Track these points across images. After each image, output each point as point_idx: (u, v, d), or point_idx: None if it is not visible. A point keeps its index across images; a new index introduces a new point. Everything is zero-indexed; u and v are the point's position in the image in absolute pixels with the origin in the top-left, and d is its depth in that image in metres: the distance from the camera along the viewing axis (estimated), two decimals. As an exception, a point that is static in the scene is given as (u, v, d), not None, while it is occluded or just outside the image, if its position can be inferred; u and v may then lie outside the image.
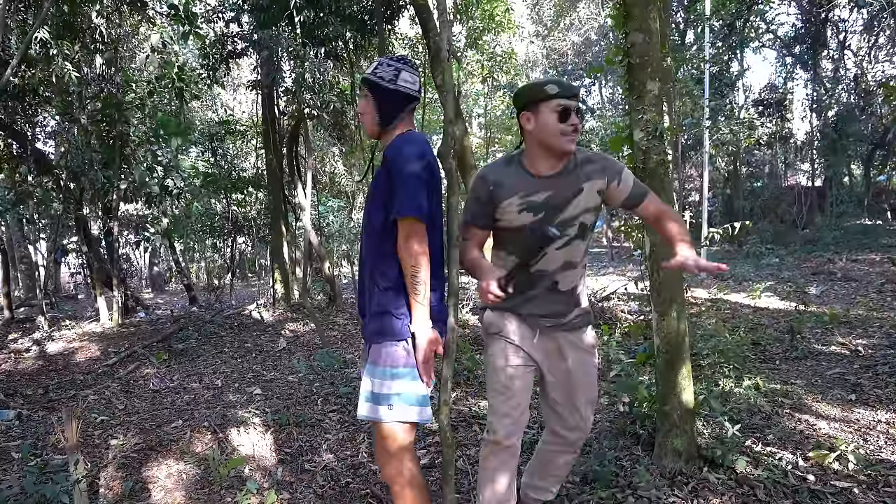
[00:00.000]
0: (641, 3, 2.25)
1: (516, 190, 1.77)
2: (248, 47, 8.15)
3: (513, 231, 1.81)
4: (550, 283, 1.82)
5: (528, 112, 1.74)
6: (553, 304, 1.84)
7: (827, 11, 14.36)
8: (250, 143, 12.66)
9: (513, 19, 13.29)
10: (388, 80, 1.80)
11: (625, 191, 1.79)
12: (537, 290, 1.83)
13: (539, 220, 1.76)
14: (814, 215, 15.19)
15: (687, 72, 11.80)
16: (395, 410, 1.72)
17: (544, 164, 1.76)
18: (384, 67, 1.81)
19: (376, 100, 1.81)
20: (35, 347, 6.33)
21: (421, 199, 1.68)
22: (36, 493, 2.44)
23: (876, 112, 15.79)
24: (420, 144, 1.76)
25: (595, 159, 1.79)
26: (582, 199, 1.76)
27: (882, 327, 4.97)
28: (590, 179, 1.76)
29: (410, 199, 1.66)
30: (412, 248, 1.68)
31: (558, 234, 1.65)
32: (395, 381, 1.73)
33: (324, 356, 4.95)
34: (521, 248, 1.78)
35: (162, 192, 8.04)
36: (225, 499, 2.59)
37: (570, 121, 1.68)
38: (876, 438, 2.75)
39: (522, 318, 1.86)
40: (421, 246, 1.69)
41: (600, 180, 1.76)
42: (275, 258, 9.02)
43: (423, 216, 1.68)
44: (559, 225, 1.74)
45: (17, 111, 7.96)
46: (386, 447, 1.77)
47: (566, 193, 1.75)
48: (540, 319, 1.85)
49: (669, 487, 2.27)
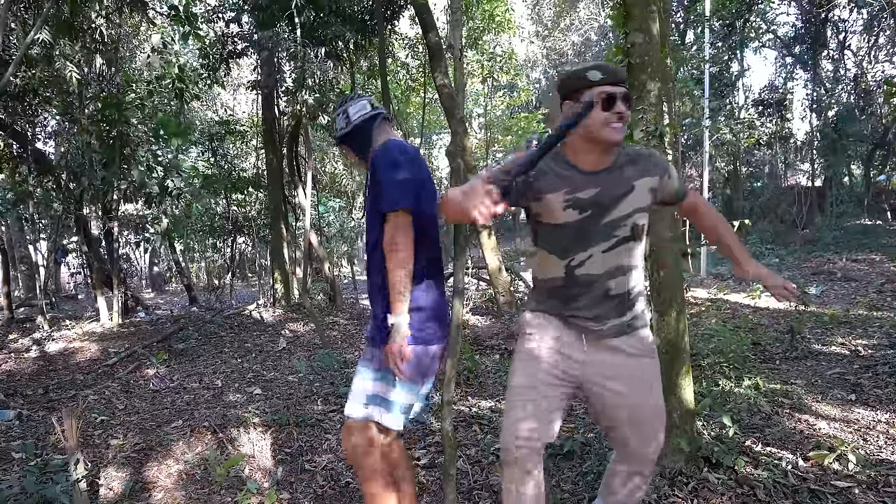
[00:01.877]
0: (641, 3, 2.25)
1: (563, 184, 1.59)
2: (248, 47, 8.16)
3: (556, 229, 1.63)
4: (602, 290, 1.63)
5: (570, 101, 1.58)
6: (602, 308, 1.64)
7: (827, 11, 14.36)
8: (250, 143, 12.66)
9: (513, 19, 13.30)
10: (344, 126, 1.94)
11: (672, 186, 1.66)
12: (584, 294, 1.64)
13: (585, 218, 1.59)
14: (814, 215, 15.18)
15: (687, 72, 11.80)
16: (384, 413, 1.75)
17: (590, 159, 1.59)
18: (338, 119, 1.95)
19: (349, 145, 1.97)
20: (35, 347, 6.32)
21: (406, 192, 1.71)
22: (36, 493, 2.44)
23: (876, 112, 15.78)
24: (398, 146, 1.81)
25: (644, 155, 1.64)
26: (633, 198, 1.59)
27: (882, 327, 4.97)
28: (641, 177, 1.60)
29: (394, 193, 1.70)
30: (394, 241, 1.69)
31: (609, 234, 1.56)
32: (390, 384, 1.75)
33: (324, 356, 4.96)
34: (562, 248, 1.63)
35: (162, 192, 8.04)
36: (225, 499, 2.59)
37: (616, 108, 1.51)
38: (876, 438, 2.75)
39: (566, 322, 1.68)
40: (404, 238, 1.68)
41: (652, 178, 1.62)
42: (275, 258, 9.02)
43: (410, 209, 1.70)
44: (607, 225, 1.59)
45: (18, 111, 7.96)
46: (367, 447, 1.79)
47: (616, 191, 1.59)
48: (588, 323, 1.65)
49: (669, 487, 2.27)
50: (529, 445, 1.60)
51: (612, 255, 1.61)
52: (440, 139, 21.27)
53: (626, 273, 1.63)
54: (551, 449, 2.72)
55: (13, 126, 7.95)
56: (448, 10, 4.95)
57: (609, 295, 1.63)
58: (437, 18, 9.62)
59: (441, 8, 12.05)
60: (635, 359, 1.66)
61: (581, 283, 1.63)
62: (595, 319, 1.63)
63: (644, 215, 1.62)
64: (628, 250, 1.62)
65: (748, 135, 14.86)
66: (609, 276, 1.62)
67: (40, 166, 8.11)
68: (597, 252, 1.60)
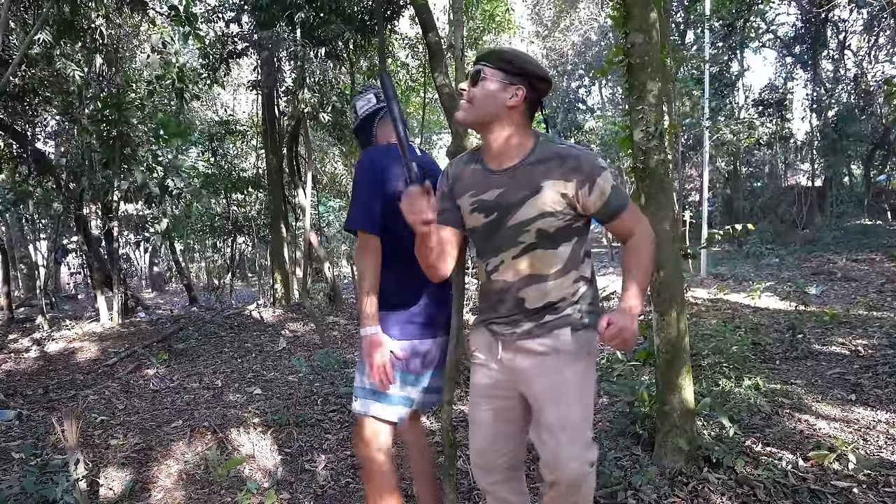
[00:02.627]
0: (641, 3, 2.25)
1: (471, 186, 1.50)
2: (248, 47, 8.16)
3: (472, 233, 1.54)
4: (515, 297, 1.49)
5: None
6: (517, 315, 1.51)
7: (827, 11, 14.35)
8: (250, 143, 12.66)
9: (513, 20, 13.29)
10: (353, 120, 1.99)
11: (596, 201, 1.42)
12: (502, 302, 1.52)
13: (490, 222, 1.47)
14: (814, 215, 15.19)
15: (687, 72, 11.81)
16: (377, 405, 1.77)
17: (496, 155, 1.46)
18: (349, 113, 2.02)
19: (359, 140, 2.01)
20: (35, 347, 6.32)
21: (368, 213, 1.72)
22: (36, 493, 2.44)
23: (876, 112, 15.79)
24: (372, 159, 1.78)
25: (566, 155, 1.42)
26: (538, 201, 1.41)
27: (882, 327, 4.97)
28: (551, 178, 1.41)
29: (354, 213, 1.74)
30: (357, 258, 1.76)
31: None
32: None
33: (324, 356, 4.96)
34: (480, 252, 1.54)
35: (162, 192, 8.05)
36: (225, 499, 2.59)
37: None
38: (876, 438, 2.75)
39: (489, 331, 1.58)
40: (365, 256, 1.71)
41: (567, 181, 1.40)
42: (275, 258, 9.02)
43: (370, 229, 1.70)
44: (511, 230, 1.44)
45: (18, 111, 7.97)
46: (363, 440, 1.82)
47: (519, 193, 1.43)
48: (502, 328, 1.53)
49: (669, 487, 2.27)
50: (496, 476, 1.57)
51: (523, 262, 1.46)
52: (440, 139, 21.28)
53: (542, 281, 1.46)
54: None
55: (13, 126, 7.96)
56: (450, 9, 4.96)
57: (524, 304, 1.48)
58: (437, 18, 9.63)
59: (441, 8, 12.05)
60: (547, 357, 1.48)
61: (498, 290, 1.51)
62: (509, 324, 1.51)
63: (554, 221, 1.42)
64: (541, 257, 1.45)
65: (748, 135, 14.88)
66: (523, 284, 1.47)
67: (40, 166, 8.12)
68: (507, 258, 1.47)
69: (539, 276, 1.46)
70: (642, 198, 2.36)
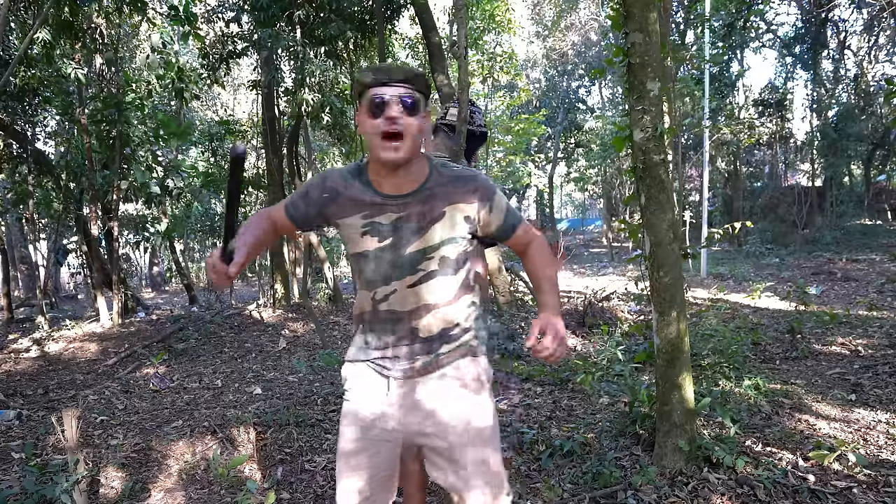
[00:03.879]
0: (641, 3, 2.25)
1: (361, 209, 1.35)
2: (248, 47, 8.17)
3: (359, 258, 1.40)
4: (406, 329, 1.39)
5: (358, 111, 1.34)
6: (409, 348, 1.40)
7: (827, 11, 14.36)
8: (250, 143, 12.67)
9: (513, 20, 13.30)
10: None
11: (496, 220, 1.40)
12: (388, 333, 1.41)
13: (385, 247, 1.35)
14: (814, 215, 15.20)
15: (687, 72, 11.80)
16: None
17: (391, 181, 1.32)
18: None
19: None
20: (35, 347, 6.33)
21: None
22: (36, 493, 2.44)
23: (876, 112, 15.80)
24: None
25: (465, 177, 1.37)
26: (441, 227, 1.34)
27: (882, 327, 4.97)
28: (455, 202, 1.34)
29: None
30: None
31: None
32: None
33: (324, 356, 4.95)
34: (366, 279, 1.40)
35: (162, 192, 8.05)
36: (225, 499, 2.59)
37: (387, 113, 1.23)
38: (876, 438, 2.75)
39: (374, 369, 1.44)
40: None
41: (469, 204, 1.35)
42: (275, 258, 9.03)
43: None
44: (411, 257, 1.35)
45: (17, 111, 7.97)
46: None
47: (421, 219, 1.34)
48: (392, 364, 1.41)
49: (669, 487, 2.27)
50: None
51: (421, 291, 1.36)
52: (440, 139, 21.23)
53: (438, 310, 1.38)
54: (550, 449, 2.73)
55: (13, 126, 7.96)
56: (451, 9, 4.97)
57: (416, 334, 1.39)
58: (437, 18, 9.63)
59: (441, 8, 12.06)
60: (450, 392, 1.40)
61: (385, 321, 1.40)
62: (401, 358, 1.40)
63: (457, 247, 1.37)
64: (441, 285, 1.37)
65: (748, 135, 14.89)
66: (417, 315, 1.38)
67: (40, 166, 8.12)
68: (401, 287, 1.36)
69: (435, 304, 1.38)
70: (642, 198, 2.35)
